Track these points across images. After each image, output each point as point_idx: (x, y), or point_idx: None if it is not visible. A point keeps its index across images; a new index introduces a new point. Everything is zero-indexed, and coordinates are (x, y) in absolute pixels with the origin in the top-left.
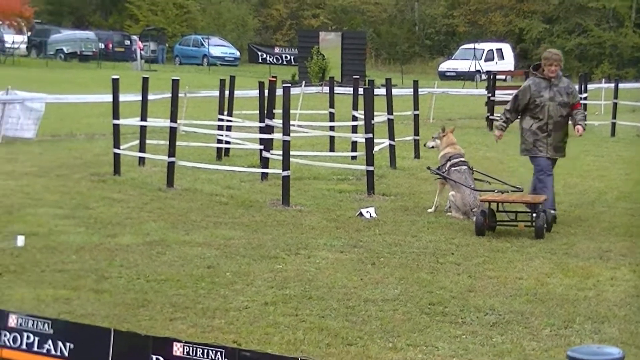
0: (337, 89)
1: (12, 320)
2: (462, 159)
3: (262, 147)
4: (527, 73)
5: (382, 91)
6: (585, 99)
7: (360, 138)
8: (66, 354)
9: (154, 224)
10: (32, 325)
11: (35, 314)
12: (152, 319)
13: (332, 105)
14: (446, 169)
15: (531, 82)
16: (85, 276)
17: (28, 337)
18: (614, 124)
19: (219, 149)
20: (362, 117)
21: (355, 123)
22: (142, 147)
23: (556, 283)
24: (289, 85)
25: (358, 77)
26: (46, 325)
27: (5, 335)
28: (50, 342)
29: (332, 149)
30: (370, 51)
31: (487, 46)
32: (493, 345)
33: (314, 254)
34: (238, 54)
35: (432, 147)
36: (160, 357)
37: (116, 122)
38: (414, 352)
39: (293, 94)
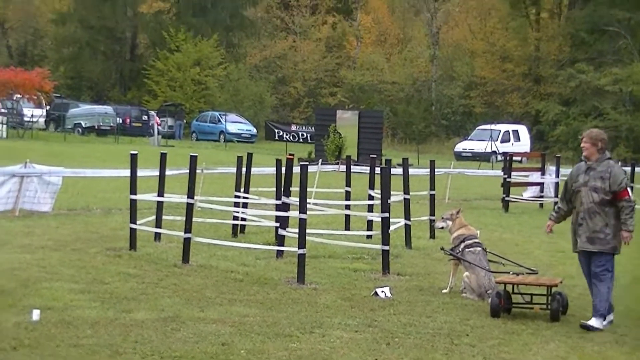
0: (353, 168)
1: None
2: (477, 241)
3: (278, 224)
4: (544, 155)
5: (399, 170)
6: None
7: (376, 217)
8: None
9: (169, 299)
10: None
11: None
12: None
13: (348, 184)
14: (460, 249)
15: (576, 166)
16: (100, 351)
17: None
18: None
19: (234, 226)
20: (379, 196)
21: (371, 202)
22: (158, 223)
23: None
24: (306, 163)
25: (375, 155)
26: None
27: None
28: None
29: (347, 228)
30: (387, 130)
31: (503, 127)
32: None
33: (328, 332)
34: (255, 130)
35: (442, 227)
36: None
37: (133, 197)
38: None
39: (309, 172)
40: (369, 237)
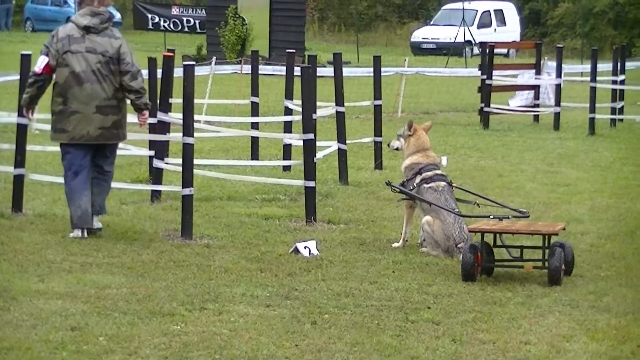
0: (263, 69)
1: None
2: (438, 172)
3: (152, 152)
4: (539, 45)
5: (329, 71)
6: (622, 82)
7: (296, 140)
8: None
9: None
10: None
11: None
12: None
13: (255, 93)
14: (415, 185)
15: None
16: None
17: None
18: None
19: None
20: (299, 109)
21: (289, 118)
22: None
23: (579, 350)
24: (194, 62)
25: (294, 50)
26: None
27: None
28: None
29: (255, 156)
30: (312, 13)
31: (481, 6)
32: None
33: (227, 308)
34: (119, 16)
35: (397, 149)
36: None
37: None
38: None
39: (199, 76)
40: (286, 169)
